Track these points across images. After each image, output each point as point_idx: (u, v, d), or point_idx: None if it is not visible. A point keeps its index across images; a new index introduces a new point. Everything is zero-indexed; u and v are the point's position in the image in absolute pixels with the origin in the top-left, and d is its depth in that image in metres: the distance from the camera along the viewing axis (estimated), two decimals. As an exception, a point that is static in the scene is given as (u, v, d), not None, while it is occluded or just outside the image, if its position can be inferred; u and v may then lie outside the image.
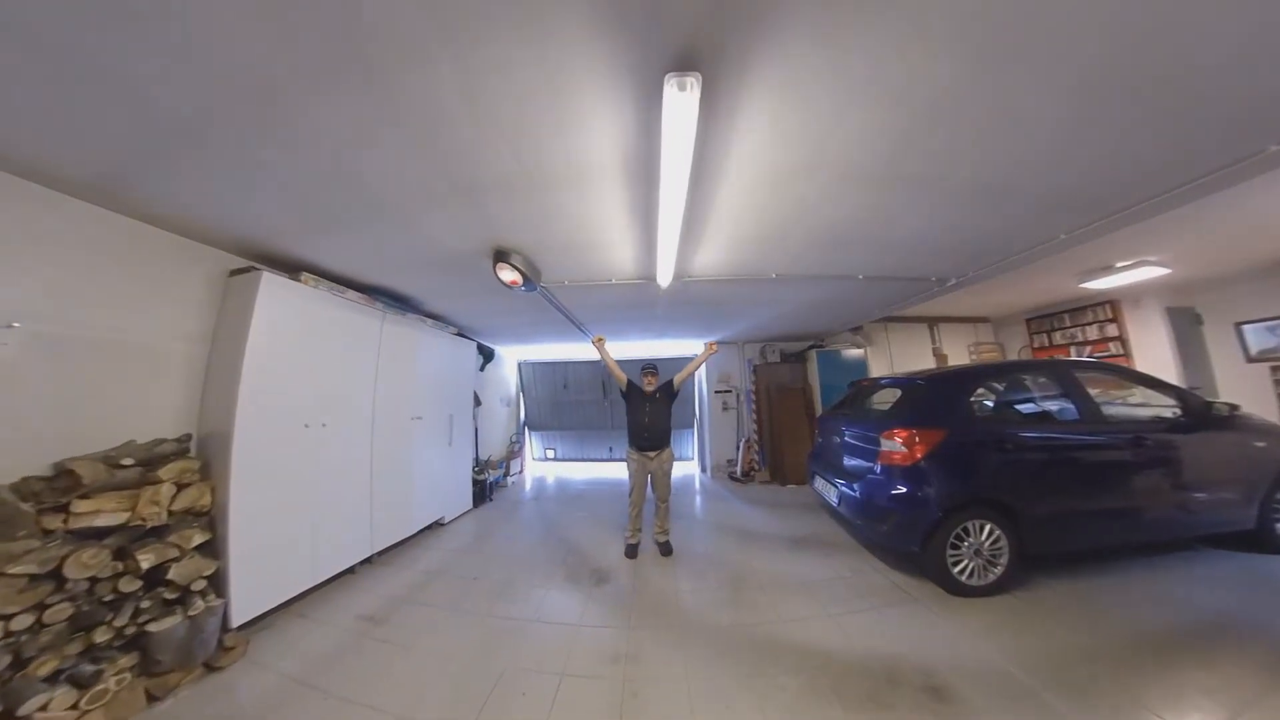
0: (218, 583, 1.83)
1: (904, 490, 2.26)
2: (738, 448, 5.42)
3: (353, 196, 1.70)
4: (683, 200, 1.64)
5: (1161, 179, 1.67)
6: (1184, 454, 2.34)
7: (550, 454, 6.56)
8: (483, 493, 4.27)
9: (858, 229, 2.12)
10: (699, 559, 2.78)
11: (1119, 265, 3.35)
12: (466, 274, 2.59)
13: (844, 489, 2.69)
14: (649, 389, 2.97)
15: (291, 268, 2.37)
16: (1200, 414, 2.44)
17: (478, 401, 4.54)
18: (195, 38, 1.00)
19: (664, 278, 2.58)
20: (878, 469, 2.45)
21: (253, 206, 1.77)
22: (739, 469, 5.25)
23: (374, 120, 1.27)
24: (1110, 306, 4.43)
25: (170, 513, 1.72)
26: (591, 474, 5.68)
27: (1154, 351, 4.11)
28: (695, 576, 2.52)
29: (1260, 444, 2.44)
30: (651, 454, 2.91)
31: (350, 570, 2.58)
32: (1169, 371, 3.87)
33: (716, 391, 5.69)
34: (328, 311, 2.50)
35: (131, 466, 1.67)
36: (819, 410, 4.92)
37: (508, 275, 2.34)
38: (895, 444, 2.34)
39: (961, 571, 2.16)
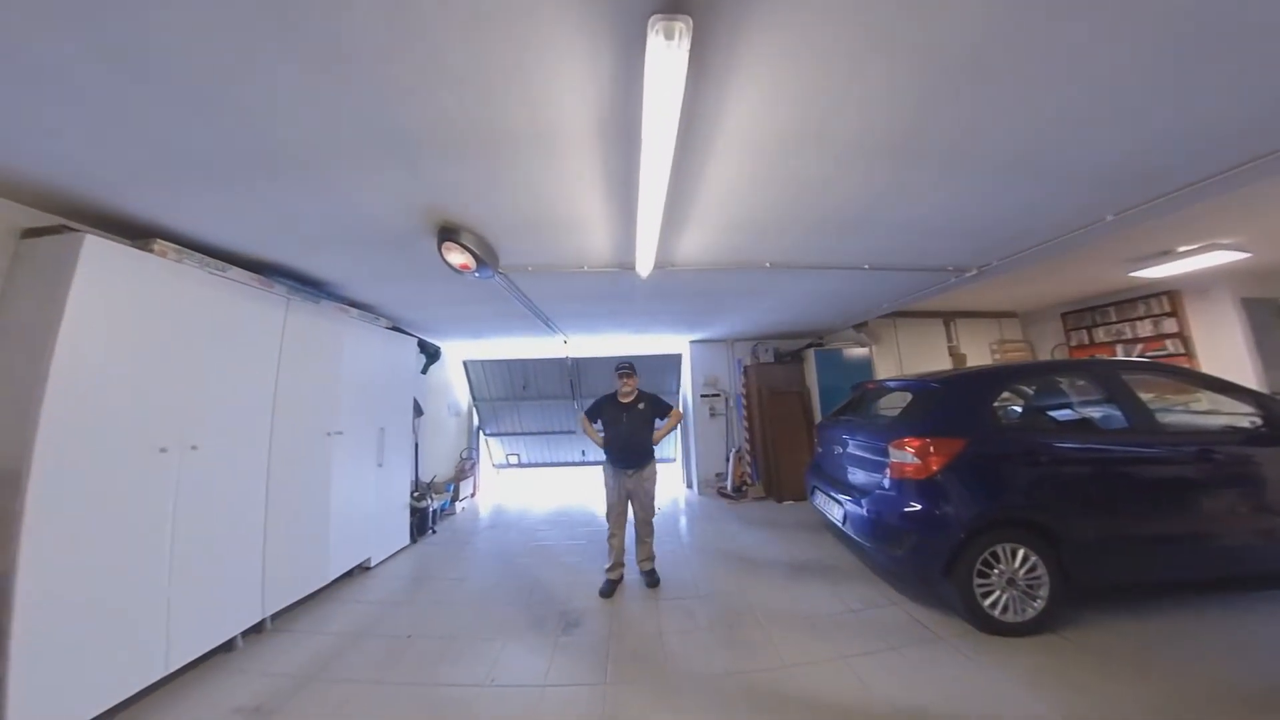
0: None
1: (919, 508, 2.25)
2: (727, 459, 5.42)
3: (231, 138, 1.42)
4: (667, 174, 1.58)
5: (1239, 147, 1.58)
6: (1267, 471, 2.23)
7: (513, 459, 6.43)
8: (423, 524, 4.01)
9: (867, 211, 2.08)
10: (686, 591, 2.75)
11: (1182, 250, 3.17)
12: (402, 254, 2.40)
13: (850, 506, 2.69)
14: (626, 398, 2.90)
15: (137, 232, 1.98)
16: None
17: (419, 411, 4.27)
18: None
19: (644, 266, 2.53)
20: (887, 483, 2.45)
21: (64, 141, 1.41)
22: (729, 484, 5.24)
23: (262, 37, 1.06)
24: (1168, 298, 4.21)
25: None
26: (559, 502, 5.50)
27: (1225, 350, 3.89)
28: (682, 614, 2.44)
29: None
30: (630, 471, 2.85)
31: (227, 646, 2.19)
32: (1244, 374, 3.64)
33: (703, 396, 5.67)
34: (198, 294, 2.10)
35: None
36: (818, 416, 4.96)
37: (457, 258, 2.20)
38: (907, 455, 2.34)
39: (994, 605, 2.12)
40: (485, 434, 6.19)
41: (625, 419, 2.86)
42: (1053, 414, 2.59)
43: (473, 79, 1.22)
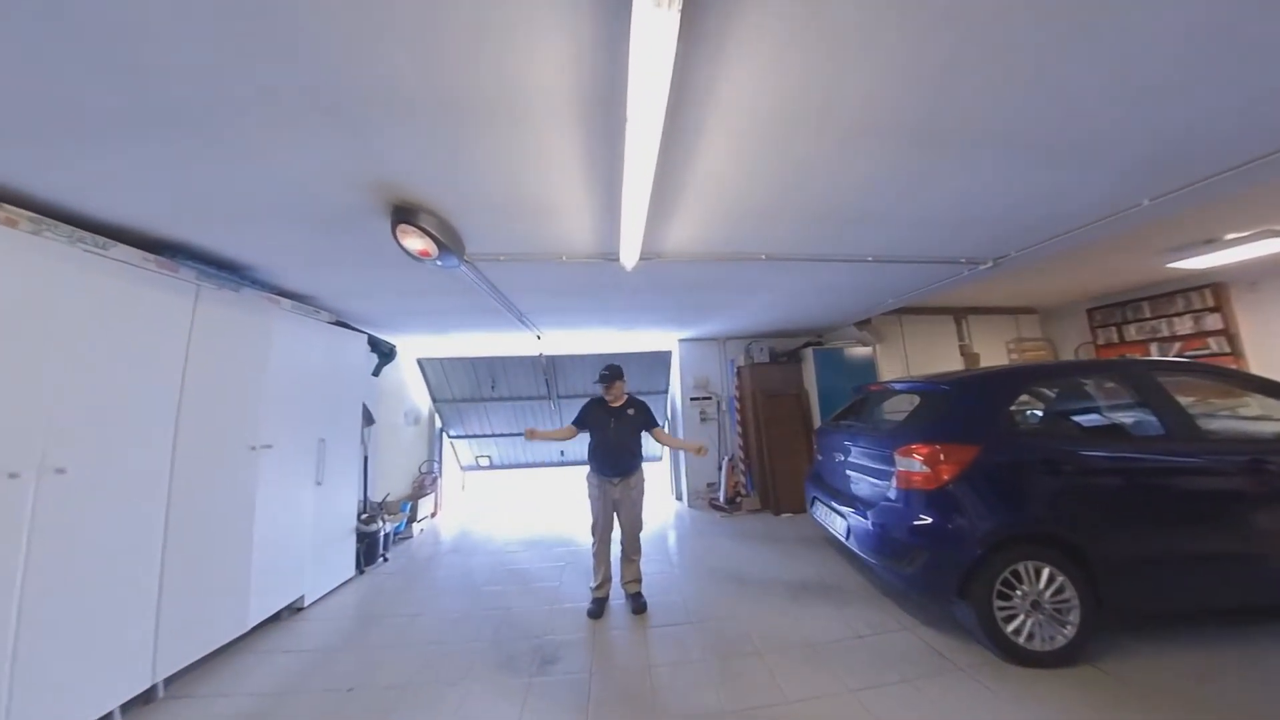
0: None
1: (930, 521, 2.25)
2: (719, 468, 5.42)
3: (126, 87, 1.25)
4: (654, 155, 1.54)
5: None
6: None
7: (484, 461, 6.40)
8: (373, 551, 3.77)
9: (874, 198, 2.07)
10: (676, 617, 2.72)
11: (1230, 237, 3.11)
12: (347, 236, 2.25)
13: (853, 519, 2.69)
14: (615, 402, 2.88)
15: None
16: None
17: (369, 419, 4.06)
18: None
19: (629, 257, 2.51)
20: (893, 494, 2.46)
21: None
22: (722, 495, 5.24)
23: None
24: (1212, 291, 4.12)
25: None
26: (535, 516, 5.39)
27: (1278, 350, 3.82)
28: (672, 643, 2.40)
29: None
30: (616, 480, 2.83)
31: None
32: None
33: (693, 399, 5.66)
34: (69, 278, 1.85)
35: None
36: (817, 421, 4.99)
37: (415, 243, 2.09)
38: (915, 463, 2.34)
39: (1017, 631, 2.10)
40: (449, 436, 6.05)
41: (613, 425, 2.84)
42: (1077, 419, 2.60)
43: (429, 36, 1.12)
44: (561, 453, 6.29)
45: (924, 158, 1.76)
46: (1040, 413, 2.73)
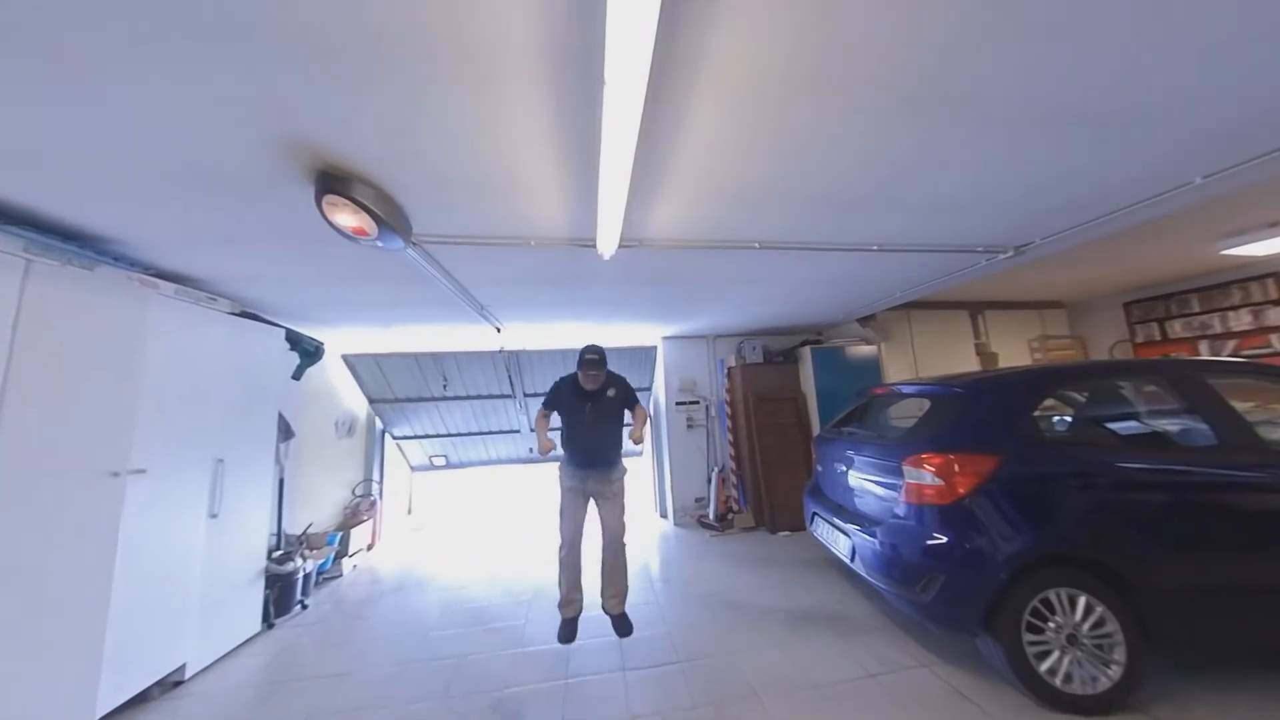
0: None
1: (945, 540, 2.23)
2: (709, 481, 5.41)
3: None
4: (636, 125, 1.52)
5: None
6: None
7: (439, 462, 6.38)
8: (287, 597, 3.46)
9: (882, 177, 2.06)
10: (663, 655, 2.66)
11: None
12: (255, 206, 2.07)
13: (858, 538, 2.70)
14: (591, 383, 2.77)
15: None
16: None
17: (287, 432, 3.79)
18: None
19: (607, 243, 2.50)
20: (901, 509, 2.46)
21: None
22: (711, 511, 5.23)
23: None
24: (1275, 282, 4.12)
25: None
26: (499, 533, 5.28)
27: None
28: (657, 688, 2.34)
29: None
30: (596, 473, 2.77)
31: None
32: None
33: (678, 404, 5.64)
34: None
35: None
36: (816, 428, 5.02)
37: (346, 219, 1.98)
38: (925, 474, 2.34)
39: (1053, 671, 2.05)
40: (394, 437, 5.90)
41: (590, 409, 2.76)
42: (1113, 426, 2.60)
43: None
44: (531, 449, 6.30)
45: (935, 132, 1.75)
46: (1070, 419, 2.75)
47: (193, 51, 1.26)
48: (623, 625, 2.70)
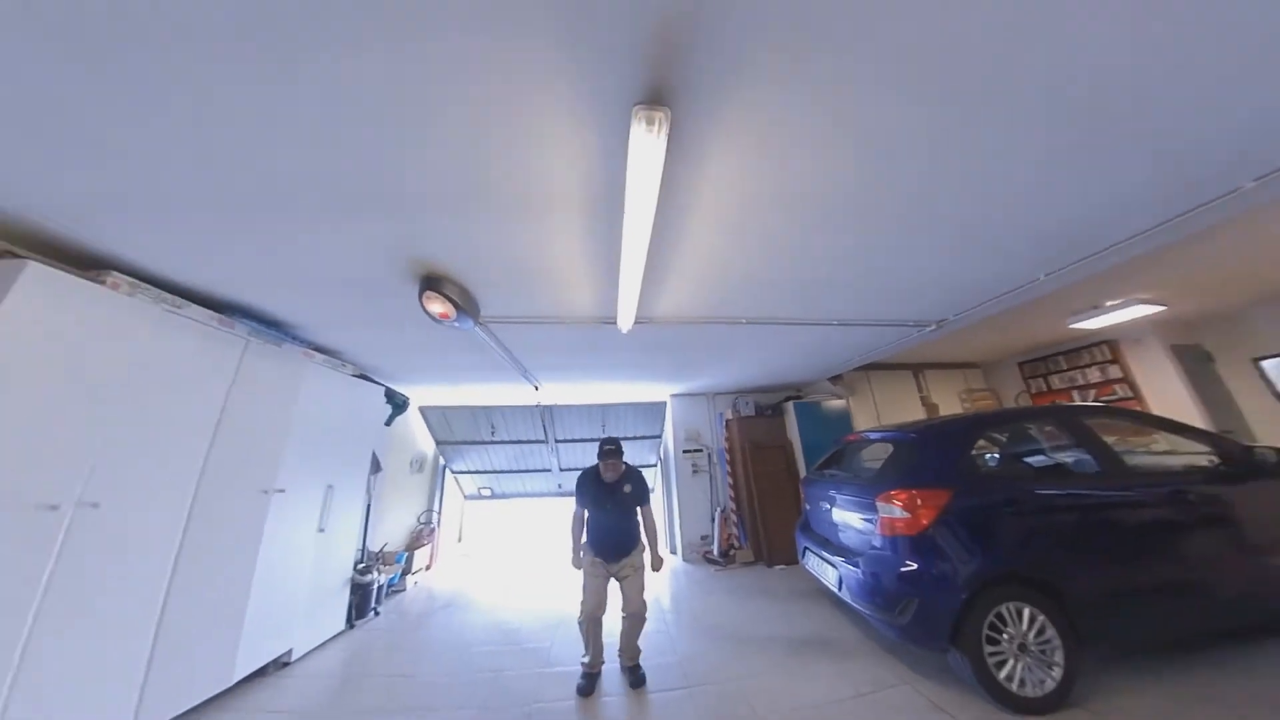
0: None
1: (916, 567, 2.19)
2: (713, 520, 5.30)
3: (216, 181, 1.46)
4: (647, 237, 1.71)
5: (1137, 218, 1.87)
6: (1240, 511, 2.28)
7: (485, 492, 6.52)
8: (364, 604, 3.53)
9: (832, 272, 2.28)
10: (674, 681, 2.51)
11: (1108, 304, 3.65)
12: (380, 300, 2.43)
13: (844, 569, 2.61)
14: (611, 477, 2.60)
15: (89, 263, 1.93)
16: (1241, 460, 2.38)
17: (376, 466, 3.98)
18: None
19: (625, 321, 2.63)
20: (878, 541, 2.40)
21: (37, 167, 1.41)
22: (715, 548, 5.08)
23: (272, 96, 1.16)
24: (1108, 347, 4.67)
25: None
26: (531, 566, 5.18)
27: (1169, 394, 4.23)
28: (670, 711, 2.24)
29: None
30: (617, 561, 2.57)
31: None
32: (1190, 414, 3.95)
33: (685, 451, 5.64)
34: (146, 331, 2.01)
35: None
36: (803, 471, 4.97)
37: (437, 307, 2.26)
38: (896, 509, 2.31)
39: (1010, 677, 2.01)
40: (453, 471, 6.15)
41: (611, 504, 2.59)
42: (1027, 460, 2.64)
43: (468, 145, 1.35)
44: (559, 485, 6.37)
45: (870, 239, 1.98)
46: (997, 456, 2.77)
47: (364, 211, 1.67)
48: (635, 676, 2.50)
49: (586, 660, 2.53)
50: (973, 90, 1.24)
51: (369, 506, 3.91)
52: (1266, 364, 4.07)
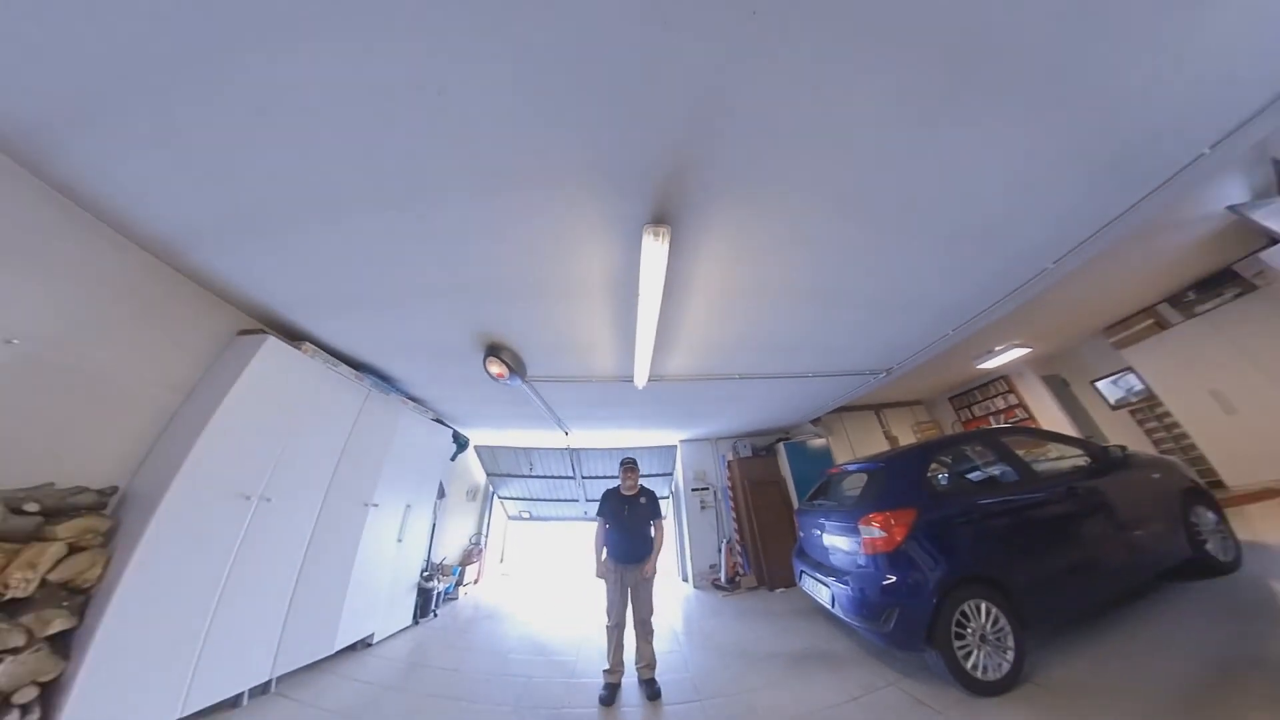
0: (53, 695, 1.31)
1: (895, 579, 2.11)
2: (719, 550, 5.00)
3: (376, 286, 1.87)
4: (656, 317, 1.92)
5: (993, 293, 2.25)
6: (1110, 497, 2.38)
7: (525, 515, 6.62)
8: (426, 605, 3.53)
9: (802, 336, 2.53)
10: (687, 694, 2.34)
11: (997, 349, 4.14)
12: (456, 363, 2.70)
13: (835, 587, 2.47)
14: (629, 491, 2.59)
15: (295, 335, 2.39)
16: (1103, 458, 2.53)
17: (441, 493, 4.08)
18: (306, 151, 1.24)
19: (640, 379, 2.75)
20: (862, 560, 2.32)
21: (284, 280, 1.90)
22: (722, 575, 4.74)
23: (406, 234, 1.53)
24: (1005, 381, 5.17)
25: (44, 582, 1.32)
26: (563, 590, 4.88)
27: (1049, 412, 4.76)
28: (681, 719, 2.09)
29: (1155, 475, 2.56)
30: (632, 566, 2.50)
31: (234, 701, 1.95)
32: (1065, 426, 4.42)
33: (693, 490, 5.47)
34: (315, 382, 2.44)
35: (33, 514, 1.34)
36: (796, 503, 4.76)
37: (496, 369, 2.49)
38: (874, 530, 2.25)
39: (975, 666, 1.91)
40: (500, 498, 6.26)
41: (628, 513, 2.56)
42: (968, 477, 2.62)
43: (526, 252, 1.69)
44: (585, 512, 6.42)
45: (822, 312, 2.25)
46: (946, 476, 2.72)
47: (450, 298, 1.99)
48: (651, 690, 2.30)
49: (607, 669, 2.38)
50: (890, 217, 1.56)
51: (434, 525, 3.99)
52: (1100, 384, 4.63)
